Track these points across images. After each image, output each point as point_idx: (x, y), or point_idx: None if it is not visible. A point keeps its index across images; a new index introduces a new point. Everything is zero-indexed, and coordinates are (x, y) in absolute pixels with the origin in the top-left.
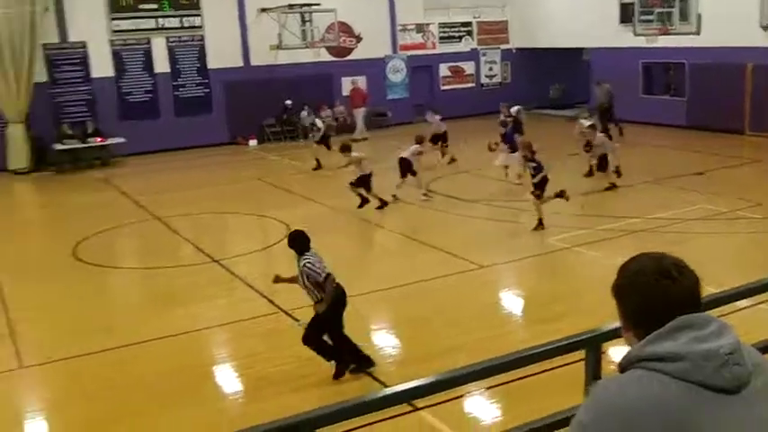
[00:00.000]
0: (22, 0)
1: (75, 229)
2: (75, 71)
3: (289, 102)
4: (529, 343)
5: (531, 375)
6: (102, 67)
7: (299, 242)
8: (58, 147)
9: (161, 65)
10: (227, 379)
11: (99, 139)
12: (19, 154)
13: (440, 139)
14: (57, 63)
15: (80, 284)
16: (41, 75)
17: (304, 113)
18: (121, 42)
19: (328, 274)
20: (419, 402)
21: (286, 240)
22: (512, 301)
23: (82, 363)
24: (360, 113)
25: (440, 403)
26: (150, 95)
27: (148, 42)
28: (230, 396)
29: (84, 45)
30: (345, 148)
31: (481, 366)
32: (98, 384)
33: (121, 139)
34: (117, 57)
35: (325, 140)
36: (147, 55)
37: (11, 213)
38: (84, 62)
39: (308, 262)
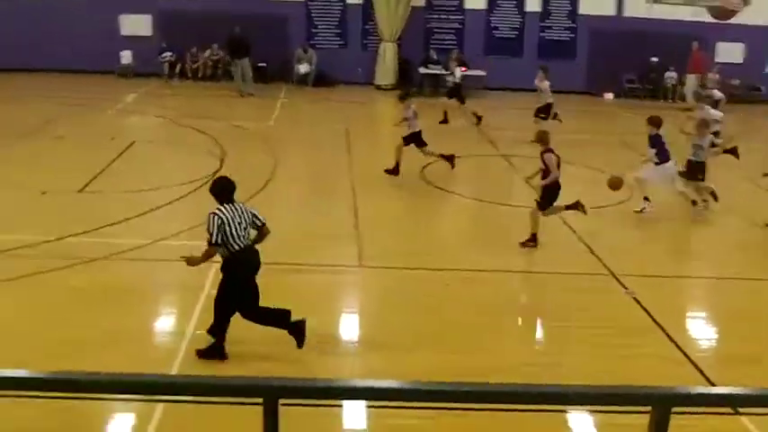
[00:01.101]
0: None
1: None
2: (451, 0)
3: (655, 59)
4: None
5: None
6: None
7: (217, 190)
8: (423, 70)
9: (532, 3)
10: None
11: (462, 69)
12: (387, 72)
13: None
14: None
15: (422, 202)
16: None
17: (669, 74)
18: None
19: (231, 236)
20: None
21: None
22: None
23: (406, 274)
24: (692, 81)
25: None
26: (516, 33)
27: None
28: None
29: None
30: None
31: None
32: (419, 297)
33: (482, 72)
34: None
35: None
36: None
37: (371, 125)
38: None
39: (214, 213)
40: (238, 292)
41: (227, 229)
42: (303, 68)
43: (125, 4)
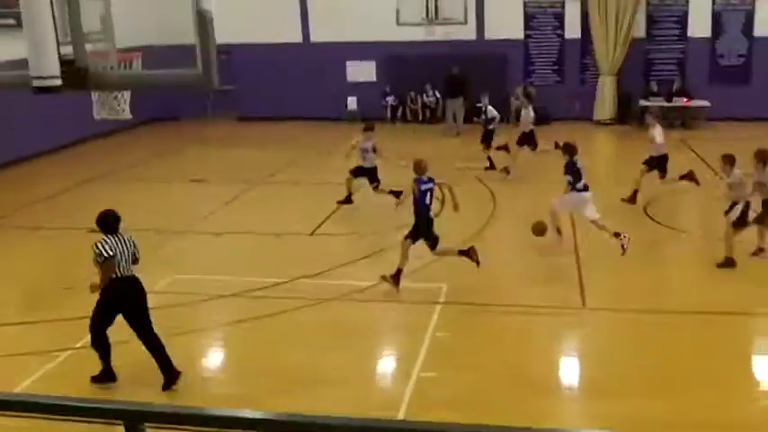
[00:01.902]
0: None
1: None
2: (672, 29)
3: None
4: None
5: None
6: (699, 26)
7: (101, 222)
8: (643, 102)
9: (763, 27)
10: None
11: (685, 100)
12: (606, 106)
13: None
14: (656, 19)
15: (646, 239)
16: (639, 30)
17: None
18: (724, 3)
19: (113, 264)
20: None
21: None
22: None
23: (633, 317)
24: None
25: None
26: (743, 59)
27: (752, 4)
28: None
29: (686, 2)
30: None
31: None
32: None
33: (706, 103)
34: (716, 17)
35: None
36: (749, 17)
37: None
38: (682, 20)
39: (98, 242)
40: (107, 317)
41: (114, 256)
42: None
43: (352, 52)
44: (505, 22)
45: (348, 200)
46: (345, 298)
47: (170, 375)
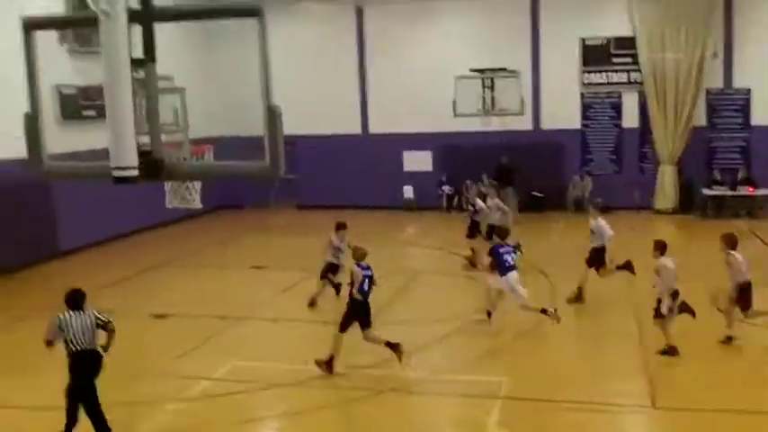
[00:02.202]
0: (694, 45)
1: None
2: (735, 117)
3: None
4: None
5: None
6: (763, 114)
7: (66, 299)
8: (706, 191)
9: None
10: None
11: (750, 189)
12: (667, 195)
13: None
14: (717, 108)
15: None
16: (700, 119)
17: None
18: None
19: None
20: None
21: None
22: None
23: (706, 417)
24: None
25: None
26: None
27: None
28: None
29: (748, 91)
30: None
31: None
32: None
33: None
34: None
35: None
36: None
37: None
38: (745, 108)
39: (56, 316)
40: (78, 390)
41: (66, 331)
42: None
43: (408, 142)
44: (562, 111)
45: (336, 288)
46: (402, 390)
47: None
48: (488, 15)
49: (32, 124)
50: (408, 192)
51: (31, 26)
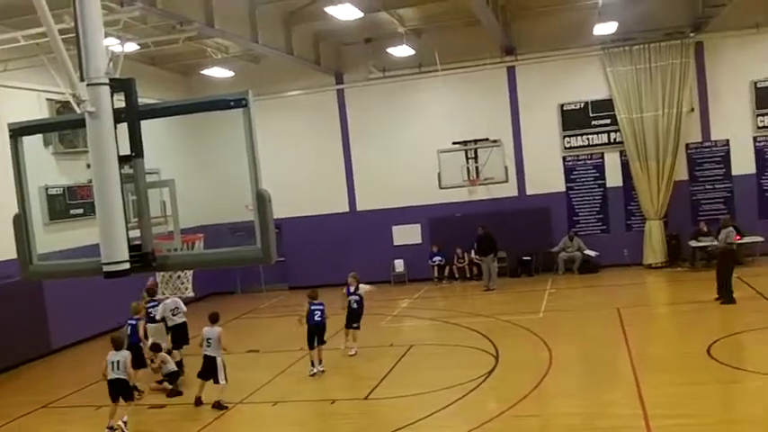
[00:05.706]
0: (670, 102)
1: (708, 326)
2: (716, 168)
3: None
4: None
5: None
6: (743, 163)
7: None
8: (693, 244)
9: None
10: None
11: (736, 237)
12: (655, 250)
13: None
14: (697, 161)
15: (715, 385)
16: (681, 173)
17: None
18: (766, 139)
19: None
20: None
21: None
22: None
23: None
24: None
25: None
26: None
27: None
28: None
29: (727, 142)
30: None
31: None
32: None
33: (759, 238)
34: (759, 154)
35: None
36: None
37: (645, 306)
38: (725, 159)
39: None
40: None
41: None
42: (567, 256)
43: (397, 216)
44: (546, 176)
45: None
46: None
47: None
48: (467, 88)
49: (21, 225)
50: (399, 265)
51: (18, 132)
